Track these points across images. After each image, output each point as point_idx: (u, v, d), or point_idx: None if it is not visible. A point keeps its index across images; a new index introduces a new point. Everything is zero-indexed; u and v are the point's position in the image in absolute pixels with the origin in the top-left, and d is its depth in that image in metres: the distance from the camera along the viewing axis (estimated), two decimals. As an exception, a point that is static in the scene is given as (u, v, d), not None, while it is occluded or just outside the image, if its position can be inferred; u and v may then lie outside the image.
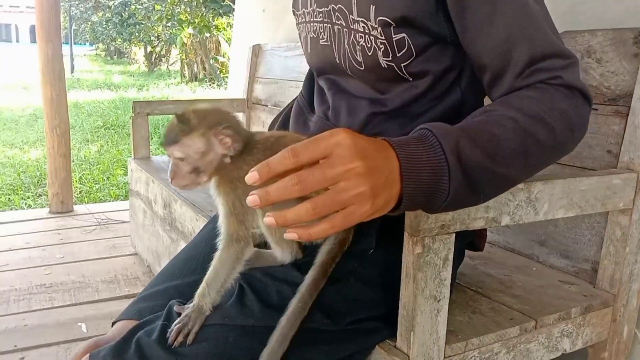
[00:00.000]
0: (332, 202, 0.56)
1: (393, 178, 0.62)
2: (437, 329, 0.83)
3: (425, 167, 0.64)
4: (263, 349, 0.77)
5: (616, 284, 1.06)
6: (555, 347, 1.00)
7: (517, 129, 0.72)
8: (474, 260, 1.22)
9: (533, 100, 0.75)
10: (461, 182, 0.66)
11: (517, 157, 0.72)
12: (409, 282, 0.80)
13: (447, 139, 0.65)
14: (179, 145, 0.79)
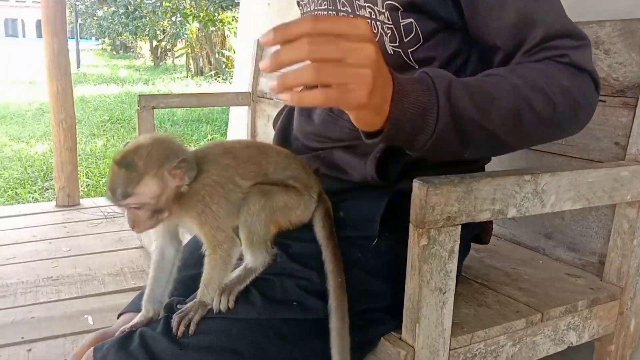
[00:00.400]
0: (336, 71, 0.56)
1: (386, 95, 0.64)
2: (442, 321, 0.82)
3: (415, 99, 0.67)
4: (267, 341, 0.77)
5: (623, 277, 1.05)
6: (562, 340, 0.99)
7: (514, 92, 0.74)
8: (479, 253, 1.22)
9: (536, 70, 0.76)
10: (447, 124, 0.69)
11: (509, 118, 0.74)
12: (414, 274, 0.80)
13: (441, 80, 0.70)
14: (133, 197, 0.74)
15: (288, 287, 0.80)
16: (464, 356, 0.87)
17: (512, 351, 0.93)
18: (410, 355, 0.81)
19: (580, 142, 1.13)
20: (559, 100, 0.76)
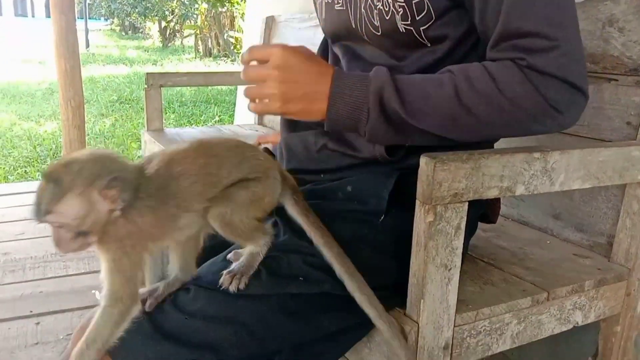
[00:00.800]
0: (256, 91, 0.82)
1: (316, 97, 0.81)
2: (447, 298, 0.82)
3: (349, 99, 0.81)
4: (272, 315, 0.77)
5: (632, 258, 1.04)
6: (567, 320, 0.99)
7: (455, 97, 0.79)
8: (486, 233, 1.21)
9: (488, 74, 0.78)
10: (378, 120, 0.81)
11: (444, 122, 0.81)
12: (420, 251, 0.79)
13: (377, 81, 0.80)
14: (52, 215, 0.67)
15: (294, 262, 0.80)
16: (468, 333, 0.87)
17: (517, 329, 0.93)
18: (414, 330, 0.81)
19: (591, 122, 1.12)
20: (506, 107, 0.78)
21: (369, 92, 0.80)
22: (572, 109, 0.82)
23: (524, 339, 0.94)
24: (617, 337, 1.09)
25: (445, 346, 0.85)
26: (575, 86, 0.78)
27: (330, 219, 0.84)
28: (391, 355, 0.84)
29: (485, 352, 0.90)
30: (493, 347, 0.91)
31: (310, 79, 0.81)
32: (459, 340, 0.86)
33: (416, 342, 0.81)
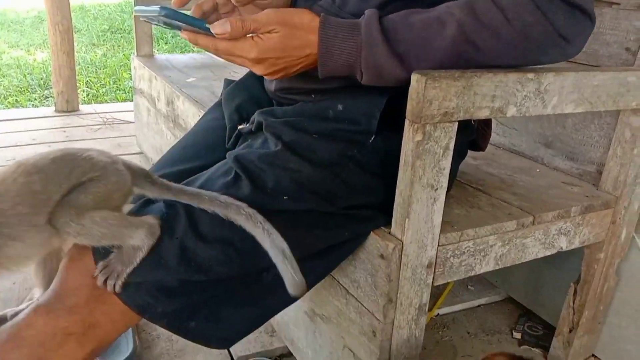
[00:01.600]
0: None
1: (307, 63, 0.78)
2: (432, 217, 0.82)
3: (340, 58, 0.77)
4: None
5: (620, 186, 1.04)
6: (552, 245, 1.00)
7: (459, 36, 0.75)
8: (476, 160, 1.21)
9: (495, 6, 0.74)
10: (374, 79, 0.78)
11: (446, 62, 0.77)
12: (407, 170, 0.79)
13: (367, 40, 0.75)
14: None
15: (281, 179, 0.79)
16: (452, 253, 0.88)
17: (501, 252, 0.94)
18: (398, 248, 0.81)
19: (588, 48, 1.09)
20: (515, 38, 0.75)
21: (360, 57, 0.76)
22: (579, 36, 0.80)
23: (508, 262, 0.95)
24: (599, 263, 1.10)
25: (429, 265, 0.86)
26: (583, 10, 0.76)
27: (319, 138, 0.83)
28: (375, 272, 0.85)
29: (469, 273, 0.92)
30: (476, 267, 0.92)
31: (294, 55, 0.77)
32: (443, 259, 0.87)
33: (399, 260, 0.82)
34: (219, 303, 0.80)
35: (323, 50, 0.76)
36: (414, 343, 0.91)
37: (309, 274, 0.86)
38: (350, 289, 0.93)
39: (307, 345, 1.10)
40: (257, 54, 0.74)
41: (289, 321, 1.16)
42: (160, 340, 1.20)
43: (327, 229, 0.82)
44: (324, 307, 1.01)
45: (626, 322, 1.17)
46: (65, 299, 0.72)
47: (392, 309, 0.85)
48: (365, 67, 0.77)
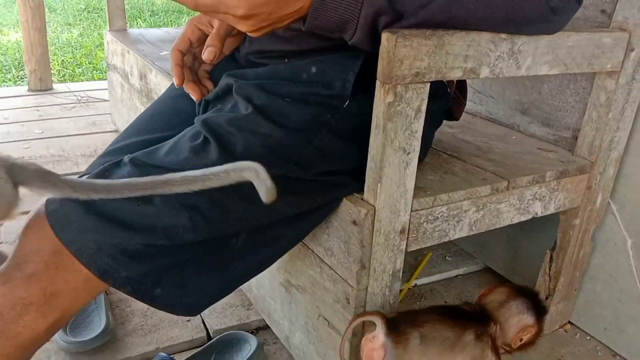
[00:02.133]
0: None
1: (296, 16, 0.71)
2: (405, 182, 0.81)
3: (335, 15, 0.71)
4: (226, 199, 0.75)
5: (595, 151, 1.03)
6: (527, 210, 0.99)
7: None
8: (453, 129, 1.19)
9: None
10: (365, 40, 0.73)
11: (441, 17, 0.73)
12: (379, 133, 0.77)
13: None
14: None
15: (251, 144, 0.76)
16: (425, 218, 0.87)
17: (476, 217, 0.93)
18: (370, 214, 0.80)
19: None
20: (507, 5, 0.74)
21: (358, 14, 0.71)
22: (567, 14, 0.80)
23: (482, 227, 0.95)
24: (575, 230, 1.10)
25: (402, 230, 0.84)
26: None
27: (292, 102, 0.80)
28: (348, 239, 0.84)
29: (443, 238, 0.91)
30: (450, 233, 0.91)
31: (285, 10, 0.70)
32: (416, 225, 0.86)
33: (372, 225, 0.81)
34: (186, 269, 0.78)
35: (317, 2, 0.70)
36: (387, 310, 0.90)
37: (281, 240, 0.84)
38: (325, 258, 0.91)
39: (283, 316, 1.09)
40: (245, 10, 0.66)
41: (265, 294, 1.15)
42: (135, 316, 1.18)
43: (299, 195, 0.80)
44: (299, 277, 1.00)
45: (601, 287, 1.17)
46: (23, 267, 0.69)
47: (365, 275, 0.84)
48: (362, 25, 0.72)
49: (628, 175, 1.09)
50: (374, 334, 0.78)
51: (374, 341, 0.78)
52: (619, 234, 1.12)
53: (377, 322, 0.78)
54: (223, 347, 1.08)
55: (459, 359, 0.81)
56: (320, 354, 0.98)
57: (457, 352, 0.81)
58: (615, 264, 1.14)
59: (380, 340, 0.77)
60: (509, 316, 0.87)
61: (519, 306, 0.88)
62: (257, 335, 1.16)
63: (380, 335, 0.77)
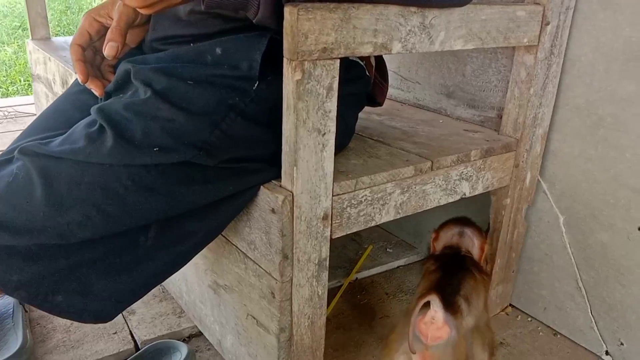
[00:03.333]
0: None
1: None
2: (323, 165, 0.77)
3: None
4: (125, 191, 0.70)
5: (519, 128, 1.03)
6: (454, 191, 0.98)
7: None
8: (380, 117, 1.17)
9: None
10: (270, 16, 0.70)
11: None
12: (290, 113, 0.73)
13: None
14: None
15: (151, 130, 0.71)
16: (348, 203, 0.83)
17: (401, 199, 0.90)
18: (288, 200, 0.76)
19: None
20: None
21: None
22: None
23: (409, 210, 0.92)
24: (507, 210, 1.09)
25: (324, 216, 0.81)
26: None
27: (196, 85, 0.75)
28: (268, 229, 0.80)
29: (369, 223, 0.87)
30: (376, 217, 0.88)
31: None
32: (339, 210, 0.83)
33: (291, 212, 0.77)
34: (90, 272, 0.72)
35: None
36: (317, 302, 0.86)
37: (195, 235, 0.79)
38: (248, 252, 0.87)
39: (214, 320, 1.03)
40: None
41: (195, 298, 1.09)
42: (57, 332, 1.10)
43: (208, 184, 0.75)
44: (226, 277, 0.95)
45: (538, 267, 1.17)
46: None
47: (288, 266, 0.80)
48: (265, 1, 0.69)
49: (555, 152, 1.09)
50: (431, 315, 0.76)
51: (435, 321, 0.76)
52: (551, 212, 1.12)
53: (435, 300, 0.75)
54: (152, 357, 1.02)
55: (482, 297, 0.88)
56: (251, 355, 0.93)
57: (481, 293, 0.88)
58: (550, 242, 1.14)
59: (441, 317, 0.75)
60: (470, 242, 0.98)
61: (472, 231, 0.99)
62: (189, 343, 1.10)
63: (439, 313, 0.75)
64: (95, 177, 0.69)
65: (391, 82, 1.31)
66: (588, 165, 1.04)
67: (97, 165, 0.69)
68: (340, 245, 1.45)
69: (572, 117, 1.05)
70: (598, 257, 1.06)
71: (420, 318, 0.76)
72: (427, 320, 0.76)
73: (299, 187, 0.76)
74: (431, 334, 0.76)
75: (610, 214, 1.02)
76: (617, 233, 1.02)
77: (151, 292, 1.23)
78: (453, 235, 1.00)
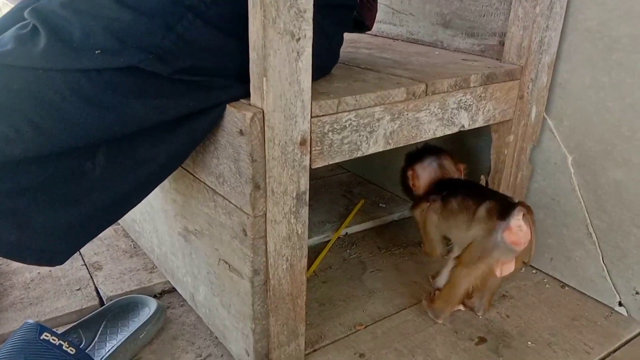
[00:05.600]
0: None
1: None
2: (298, 79, 0.66)
3: None
4: (62, 101, 0.59)
5: (524, 53, 0.92)
6: (451, 121, 0.87)
7: None
8: (370, 50, 1.06)
9: None
10: None
11: None
12: (256, 10, 0.62)
13: None
14: None
15: (92, 30, 0.60)
16: (330, 127, 0.72)
17: (391, 127, 0.79)
18: (258, 118, 0.65)
19: None
20: None
21: None
22: None
23: (401, 140, 0.81)
24: (510, 148, 0.99)
25: (302, 141, 0.70)
26: None
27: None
28: (237, 156, 0.69)
29: (354, 153, 0.77)
30: (363, 146, 0.77)
31: None
32: (320, 135, 0.72)
33: (262, 134, 0.66)
34: (28, 203, 0.61)
35: None
36: (296, 242, 0.75)
37: (151, 163, 0.69)
38: (217, 188, 0.76)
39: (186, 272, 0.93)
40: None
41: (166, 250, 0.99)
42: (14, 289, 1.00)
43: (162, 98, 0.64)
44: (195, 220, 0.84)
45: (544, 213, 1.07)
46: None
47: (261, 197, 0.70)
48: None
49: (563, 85, 0.98)
50: (517, 223, 0.81)
51: (522, 227, 0.81)
52: (559, 152, 1.02)
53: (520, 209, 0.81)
54: (117, 312, 0.92)
55: None
56: (225, 305, 0.83)
57: None
58: (557, 185, 1.03)
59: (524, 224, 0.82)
60: (451, 168, 0.97)
61: (445, 157, 0.97)
62: (161, 299, 1.00)
63: (521, 220, 0.81)
64: (25, 84, 0.58)
65: (382, 16, 1.19)
66: (600, 94, 0.93)
67: (28, 69, 0.58)
68: (330, 200, 1.34)
69: (582, 43, 0.94)
70: (611, 198, 0.95)
71: (506, 229, 0.81)
72: (515, 229, 0.81)
73: (270, 103, 0.65)
74: (523, 240, 0.82)
75: (625, 148, 0.92)
76: (633, 169, 0.91)
77: (121, 248, 1.14)
78: (434, 171, 0.95)
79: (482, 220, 0.83)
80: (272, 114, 0.66)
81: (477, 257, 0.84)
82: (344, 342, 0.89)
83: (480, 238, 0.83)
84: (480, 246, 0.84)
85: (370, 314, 0.96)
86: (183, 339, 0.90)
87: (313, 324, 0.93)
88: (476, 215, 0.84)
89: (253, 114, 0.65)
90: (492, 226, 0.82)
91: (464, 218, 0.86)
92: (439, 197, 0.91)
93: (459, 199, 0.88)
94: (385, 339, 0.90)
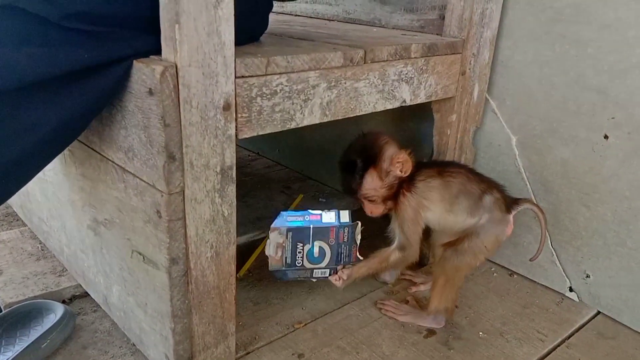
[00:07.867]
0: None
1: None
2: (218, 29, 0.57)
3: None
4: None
5: (465, 26, 0.87)
6: (392, 95, 0.80)
7: None
8: (305, 26, 0.98)
9: None
10: None
11: None
12: (166, -56, 0.53)
13: None
14: None
15: None
16: (259, 91, 0.64)
17: (328, 96, 0.71)
18: (170, 73, 0.55)
19: None
20: None
21: None
22: None
23: (339, 112, 0.74)
24: (453, 129, 0.93)
25: (226, 106, 0.61)
26: None
27: None
28: (147, 121, 0.59)
29: (287, 123, 0.68)
30: (297, 117, 0.69)
31: None
32: (246, 100, 0.63)
33: (176, 93, 0.56)
34: None
35: None
36: (222, 226, 0.66)
37: (40, 127, 0.57)
38: (127, 165, 0.65)
39: (97, 271, 0.81)
40: None
41: (76, 249, 0.86)
42: None
43: (50, 47, 0.53)
44: (105, 208, 0.73)
45: (489, 201, 1.02)
46: None
47: (177, 170, 0.59)
48: None
49: (505, 62, 0.94)
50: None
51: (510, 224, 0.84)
52: (502, 133, 0.97)
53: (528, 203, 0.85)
54: (16, 320, 0.79)
55: None
56: (140, 304, 0.72)
57: None
58: (501, 168, 0.99)
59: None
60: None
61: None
62: (71, 305, 0.87)
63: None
64: None
65: (316, -3, 1.13)
66: (544, 70, 0.89)
67: None
68: (267, 197, 1.25)
69: (524, 16, 0.90)
70: (558, 177, 0.91)
71: (509, 224, 0.83)
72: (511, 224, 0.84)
73: (185, 56, 0.56)
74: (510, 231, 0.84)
75: (571, 124, 0.88)
76: (580, 145, 0.87)
77: (27, 250, 1.00)
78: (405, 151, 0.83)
79: (489, 210, 0.81)
80: (188, 69, 0.56)
81: (483, 246, 0.81)
82: (281, 343, 0.79)
83: (488, 227, 0.81)
84: (491, 236, 0.81)
85: (310, 310, 0.87)
86: (95, 348, 0.78)
87: (246, 325, 0.83)
88: (482, 203, 0.81)
89: (164, 68, 0.55)
90: (500, 217, 0.82)
91: (467, 203, 0.81)
92: (435, 172, 0.82)
93: (460, 180, 0.81)
94: (326, 336, 0.81)
